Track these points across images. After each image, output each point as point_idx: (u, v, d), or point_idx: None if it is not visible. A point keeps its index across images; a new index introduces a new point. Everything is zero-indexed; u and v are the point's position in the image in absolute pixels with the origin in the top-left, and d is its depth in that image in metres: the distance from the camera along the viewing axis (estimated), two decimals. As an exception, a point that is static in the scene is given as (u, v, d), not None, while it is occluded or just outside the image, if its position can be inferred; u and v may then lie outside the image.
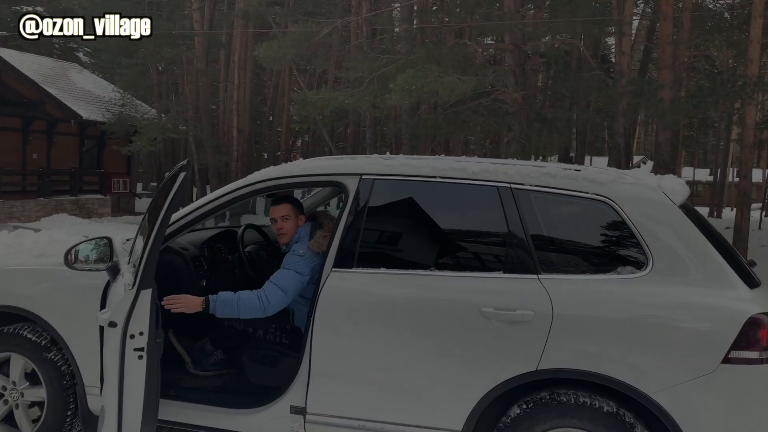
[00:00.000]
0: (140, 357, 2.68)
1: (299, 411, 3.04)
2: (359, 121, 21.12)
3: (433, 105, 16.59)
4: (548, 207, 2.94)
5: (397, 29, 19.20)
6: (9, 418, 3.55)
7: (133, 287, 2.66)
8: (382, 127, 18.74)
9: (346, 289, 3.01)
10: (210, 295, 3.12)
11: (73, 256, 3.30)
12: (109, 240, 3.36)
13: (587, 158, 30.33)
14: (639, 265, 2.76)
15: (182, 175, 2.79)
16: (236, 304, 3.13)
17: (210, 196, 3.37)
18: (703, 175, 52.26)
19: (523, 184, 2.97)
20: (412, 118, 15.21)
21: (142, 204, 26.16)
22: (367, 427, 2.94)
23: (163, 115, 23.44)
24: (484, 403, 2.80)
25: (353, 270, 3.03)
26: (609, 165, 18.94)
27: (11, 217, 18.41)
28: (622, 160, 16.12)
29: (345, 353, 2.99)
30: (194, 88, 23.57)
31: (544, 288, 2.77)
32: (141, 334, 2.67)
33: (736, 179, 14.73)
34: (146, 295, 2.65)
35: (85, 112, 21.04)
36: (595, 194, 2.87)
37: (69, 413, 3.43)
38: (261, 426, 3.14)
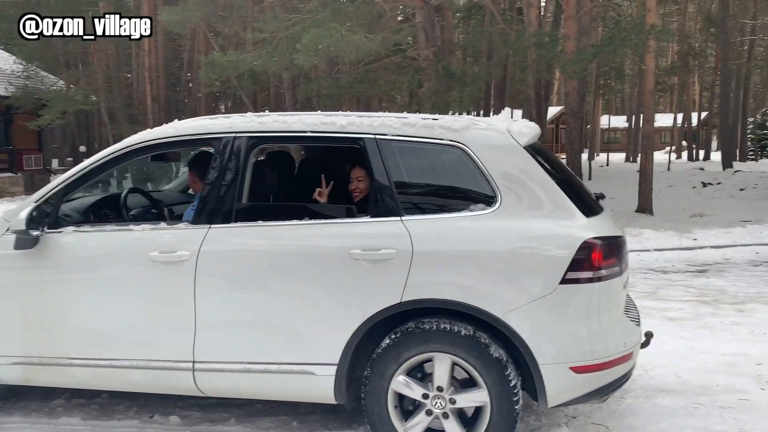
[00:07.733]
0: None
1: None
2: (278, 83, 20.89)
3: (354, 64, 16.59)
4: (409, 154, 3.16)
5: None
6: None
7: None
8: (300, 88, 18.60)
9: (224, 243, 3.17)
10: None
11: None
12: None
13: (507, 110, 30.91)
14: (489, 203, 3.03)
15: None
16: None
17: (88, 161, 3.44)
18: (620, 122, 54.31)
19: (386, 135, 3.18)
20: (328, 78, 15.21)
21: (58, 180, 25.12)
22: (251, 369, 3.15)
23: (71, 86, 22.46)
24: (357, 337, 3.04)
25: (230, 225, 3.19)
26: (523, 116, 19.53)
27: None
28: (533, 111, 16.67)
29: (224, 304, 3.17)
30: (103, 56, 22.66)
31: (406, 228, 3.02)
32: None
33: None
34: None
35: (-14, 87, 20.00)
36: (450, 140, 3.11)
37: None
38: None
